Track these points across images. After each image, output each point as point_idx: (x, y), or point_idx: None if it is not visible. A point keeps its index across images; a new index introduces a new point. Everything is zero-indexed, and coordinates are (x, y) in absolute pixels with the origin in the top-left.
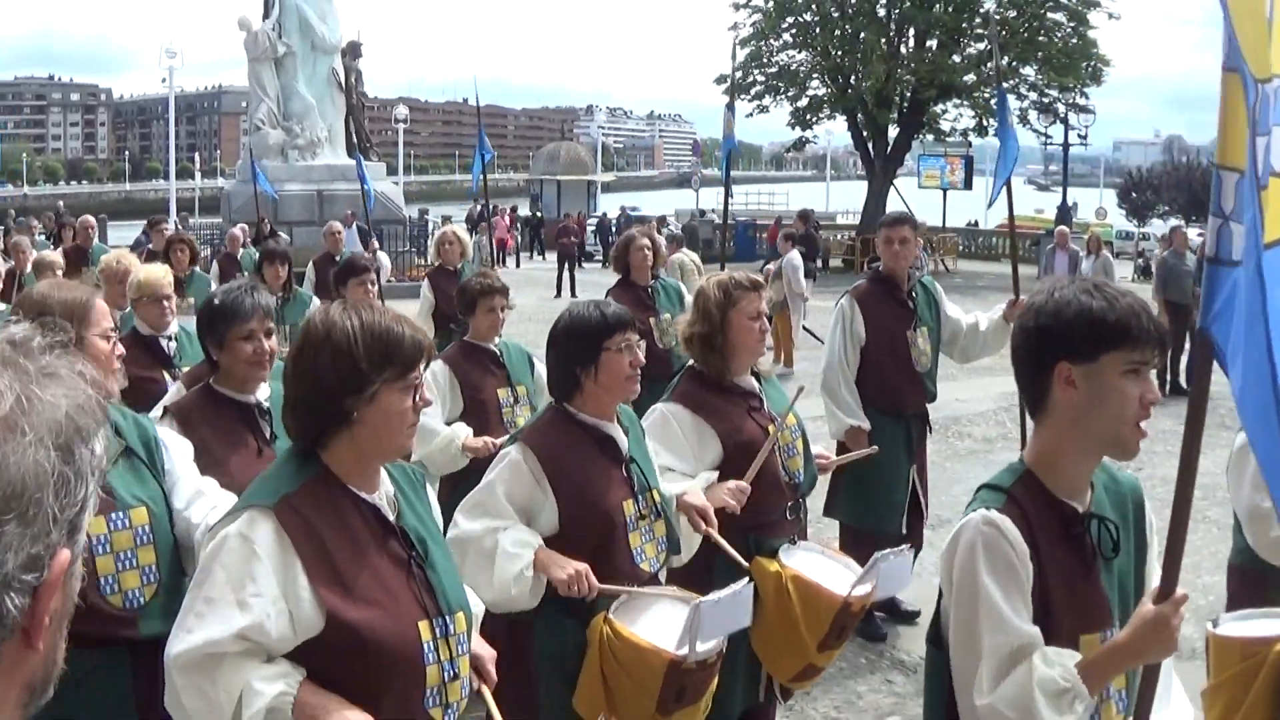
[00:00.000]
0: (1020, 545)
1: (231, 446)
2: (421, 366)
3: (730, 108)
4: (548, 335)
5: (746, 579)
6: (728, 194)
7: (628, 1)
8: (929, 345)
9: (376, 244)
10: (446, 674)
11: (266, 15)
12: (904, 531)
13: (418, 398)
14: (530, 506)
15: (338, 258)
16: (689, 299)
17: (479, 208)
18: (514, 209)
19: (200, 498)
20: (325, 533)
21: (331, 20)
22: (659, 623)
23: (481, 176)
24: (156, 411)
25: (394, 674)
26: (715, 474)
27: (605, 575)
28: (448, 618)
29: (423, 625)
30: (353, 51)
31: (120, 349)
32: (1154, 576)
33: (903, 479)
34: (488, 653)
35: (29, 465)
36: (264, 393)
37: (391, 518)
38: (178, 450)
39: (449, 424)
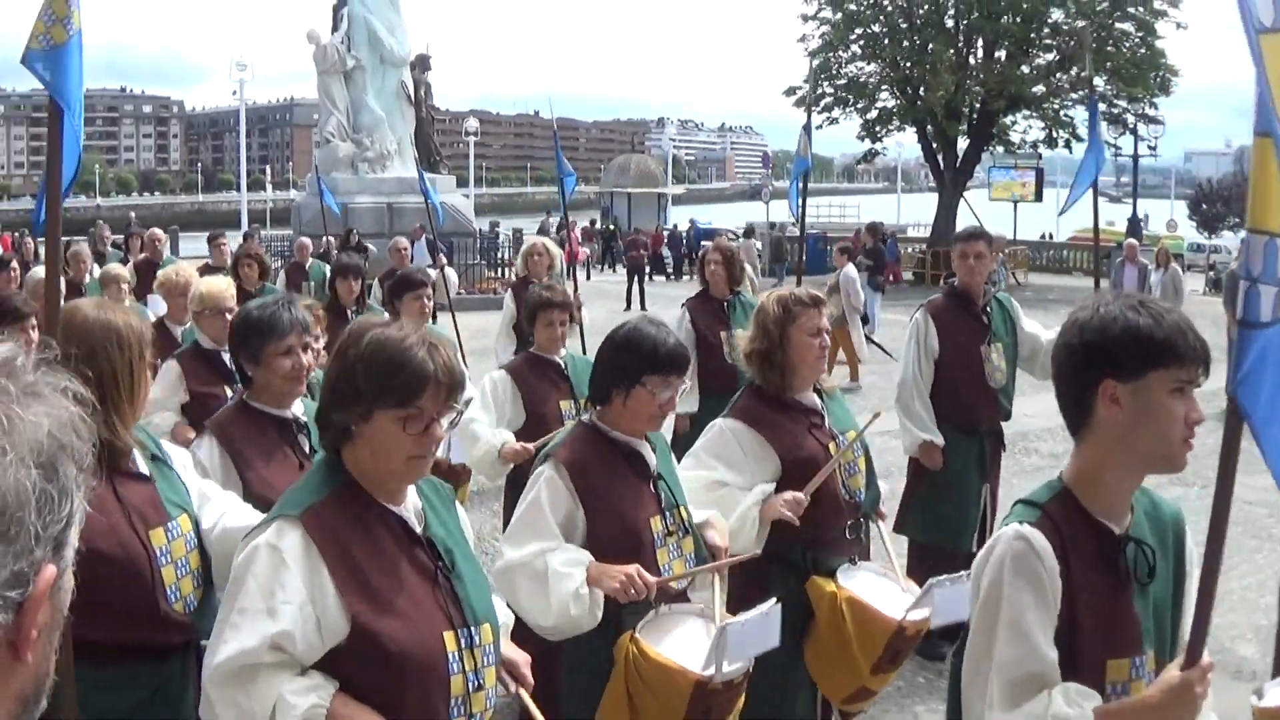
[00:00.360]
0: (1051, 562)
1: (272, 462)
2: (429, 400)
3: (807, 129)
4: (607, 335)
5: (774, 600)
6: (803, 213)
7: (700, 14)
8: (1004, 361)
9: (444, 258)
10: (471, 684)
11: (335, 28)
12: (974, 550)
13: (423, 431)
14: (568, 523)
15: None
16: None
17: (549, 220)
18: (593, 222)
19: (208, 502)
20: (351, 541)
21: (400, 33)
22: (686, 642)
23: (561, 196)
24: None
25: (417, 683)
26: (771, 486)
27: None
28: (473, 628)
29: (448, 635)
30: (422, 64)
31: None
32: (1189, 614)
33: (975, 496)
34: (522, 657)
35: (10, 484)
36: (300, 407)
37: (418, 529)
38: (179, 458)
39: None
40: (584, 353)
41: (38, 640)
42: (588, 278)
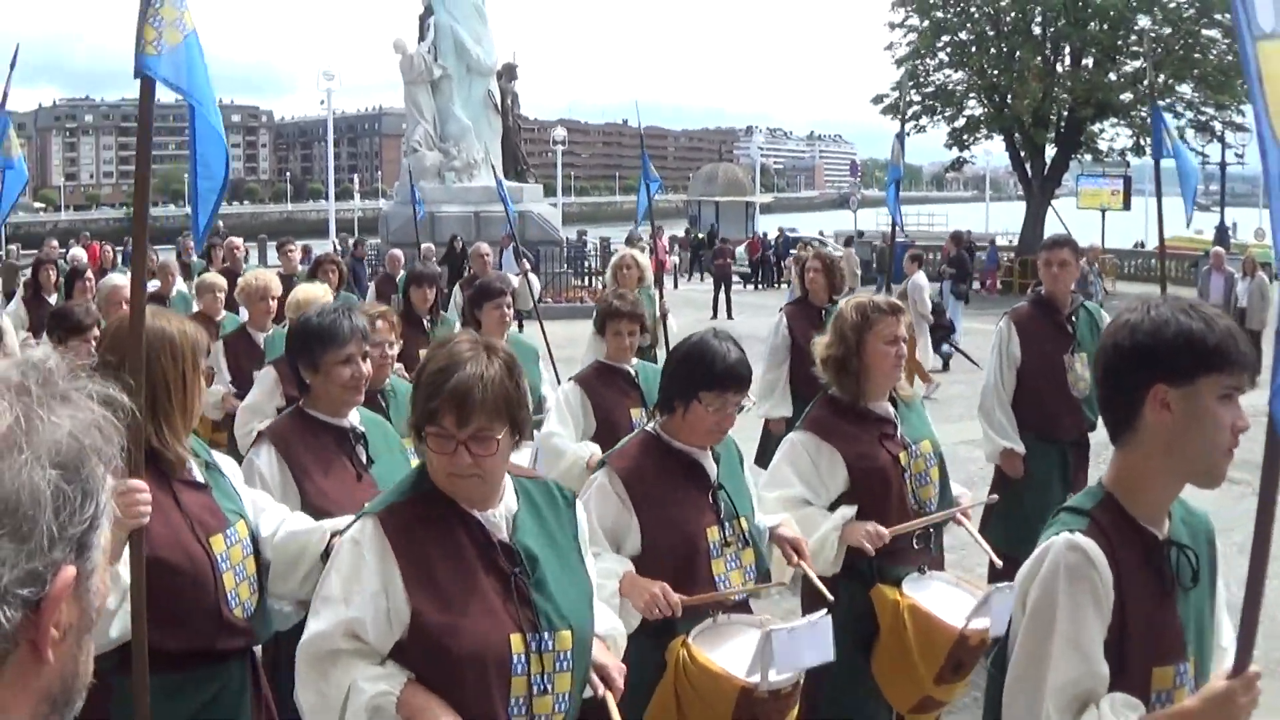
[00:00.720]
0: (1106, 572)
1: (330, 472)
2: (447, 421)
3: (900, 137)
4: (674, 346)
5: (825, 611)
6: (896, 222)
7: (788, 23)
8: (1088, 370)
9: (529, 265)
10: (536, 687)
11: (422, 38)
12: None
13: (452, 452)
14: (617, 529)
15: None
16: None
17: (638, 230)
18: (687, 231)
19: (263, 511)
20: (425, 540)
21: (486, 43)
22: (738, 650)
23: (648, 205)
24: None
25: (474, 679)
26: (853, 510)
27: (688, 608)
28: (546, 634)
29: (515, 638)
30: (508, 74)
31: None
32: (1223, 627)
33: (1056, 506)
34: (614, 663)
35: (24, 483)
36: (356, 417)
37: (503, 535)
38: (229, 466)
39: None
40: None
41: (62, 640)
42: (675, 286)
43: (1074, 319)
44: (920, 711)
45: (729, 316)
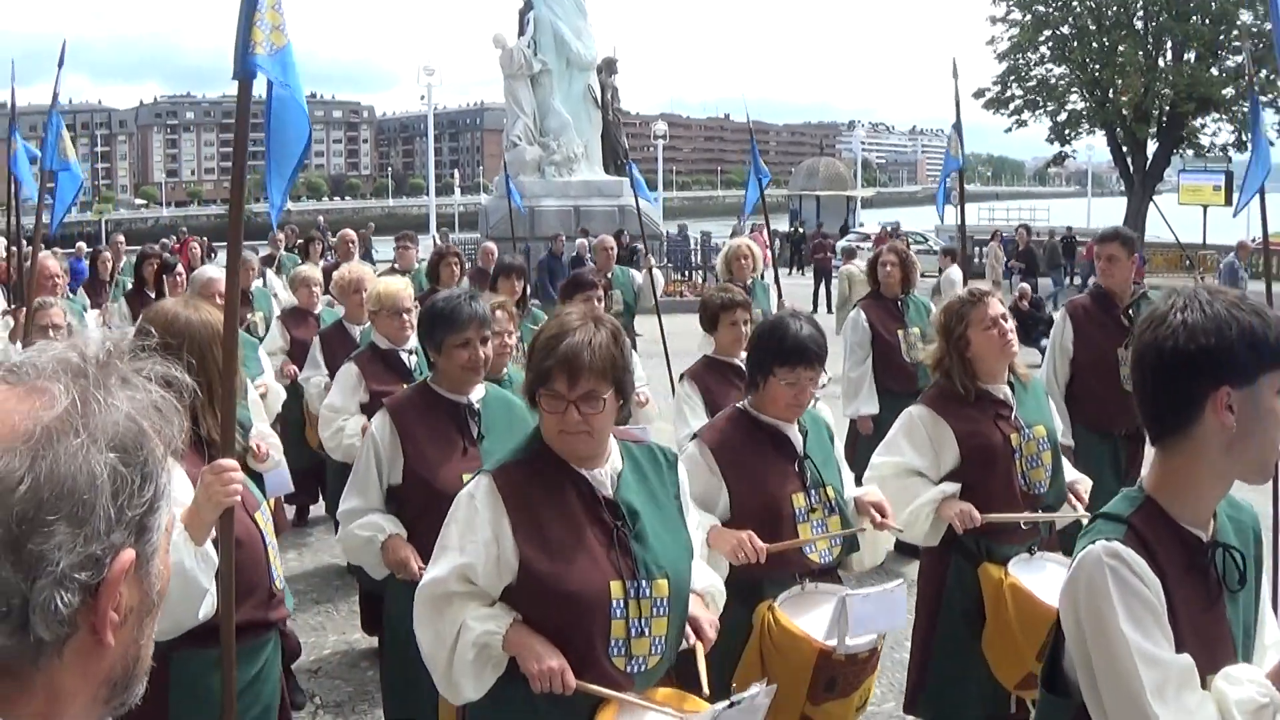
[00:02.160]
0: (1149, 576)
1: (439, 444)
2: (559, 384)
3: (957, 127)
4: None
5: (900, 580)
6: (963, 216)
7: (890, 17)
8: None
9: (652, 260)
10: (633, 630)
11: (521, 33)
12: None
13: (562, 412)
14: (706, 496)
15: (609, 274)
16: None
17: (743, 224)
18: (795, 229)
19: None
20: (535, 495)
21: (586, 37)
22: (820, 616)
23: (760, 199)
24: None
25: (577, 621)
26: (955, 488)
27: (774, 562)
28: (644, 582)
29: (614, 584)
30: (609, 68)
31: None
32: (1267, 624)
33: (1108, 499)
34: (708, 617)
35: (81, 466)
36: (478, 394)
37: (607, 491)
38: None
39: None
40: None
41: (122, 624)
42: (775, 280)
43: (1130, 312)
44: (1027, 689)
45: (829, 310)
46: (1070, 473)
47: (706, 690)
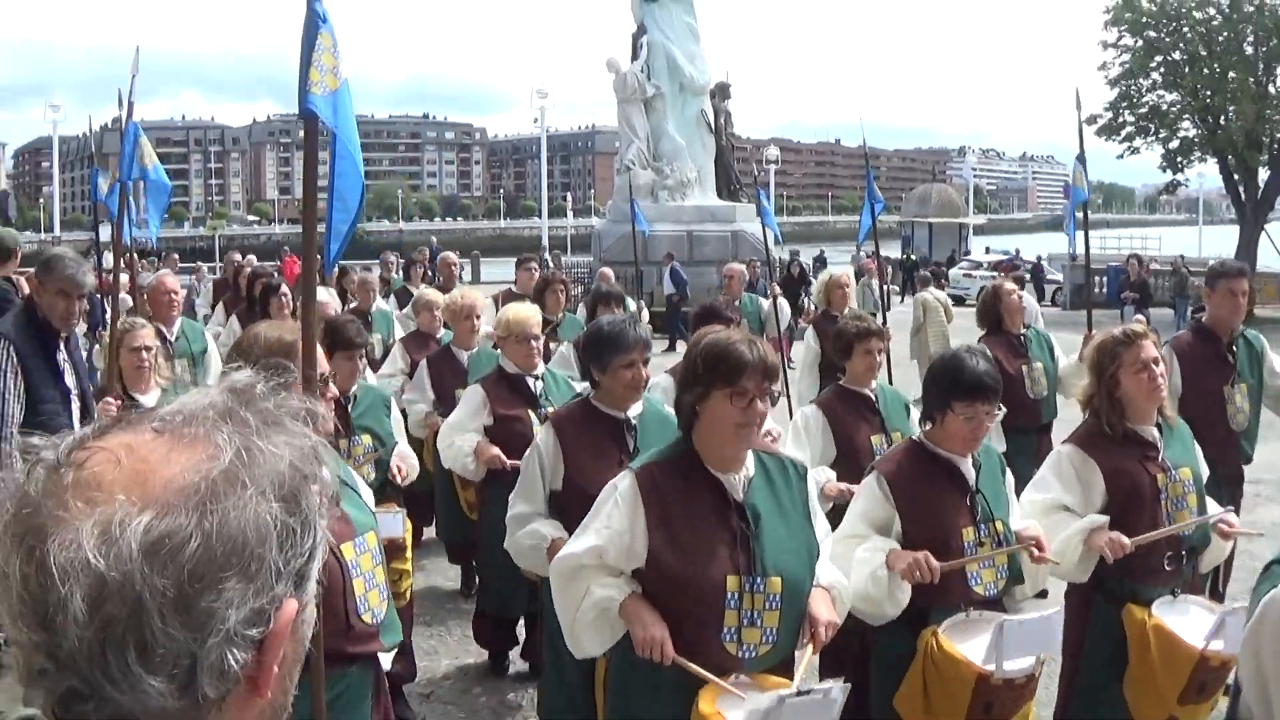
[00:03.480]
0: None
1: (596, 457)
2: (750, 380)
3: (1080, 158)
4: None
5: (1059, 606)
6: (1087, 246)
7: (1003, 43)
8: (1247, 403)
9: (778, 287)
10: (745, 620)
11: (635, 57)
12: (1216, 589)
13: (747, 404)
14: (882, 524)
15: (737, 301)
16: (1058, 349)
17: (860, 253)
18: (908, 255)
19: None
20: (670, 494)
21: (700, 62)
22: (981, 642)
23: (872, 224)
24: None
25: (693, 606)
26: (1104, 519)
27: (940, 590)
28: (759, 578)
29: (731, 579)
30: (722, 93)
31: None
32: None
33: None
34: (826, 619)
35: (250, 519)
36: (635, 409)
37: (738, 495)
38: (363, 488)
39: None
40: (890, 383)
41: (279, 675)
42: (887, 308)
43: (1234, 348)
44: None
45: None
46: (1213, 507)
47: (795, 684)
